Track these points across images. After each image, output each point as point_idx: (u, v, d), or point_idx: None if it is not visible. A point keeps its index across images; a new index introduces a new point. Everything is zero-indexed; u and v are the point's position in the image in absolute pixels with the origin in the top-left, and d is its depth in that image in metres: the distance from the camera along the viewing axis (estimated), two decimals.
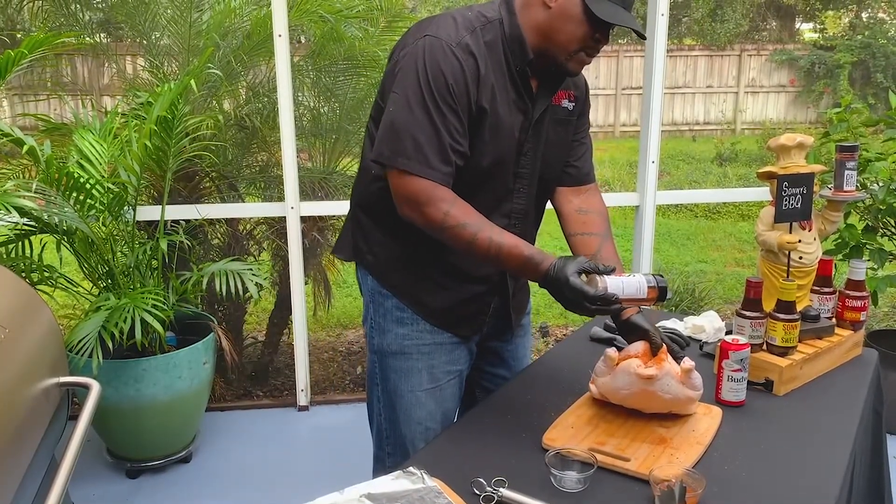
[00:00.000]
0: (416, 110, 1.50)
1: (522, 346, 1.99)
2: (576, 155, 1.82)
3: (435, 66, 1.50)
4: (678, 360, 1.58)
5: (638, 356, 1.58)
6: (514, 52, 1.58)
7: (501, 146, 1.61)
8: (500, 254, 1.52)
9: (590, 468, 1.37)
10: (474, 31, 1.55)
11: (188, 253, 3.25)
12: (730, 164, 9.91)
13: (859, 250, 3.10)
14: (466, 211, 1.53)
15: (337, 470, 2.87)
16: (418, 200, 1.52)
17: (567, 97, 1.73)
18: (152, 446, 2.94)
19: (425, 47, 1.52)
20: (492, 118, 1.56)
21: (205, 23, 3.57)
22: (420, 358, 1.75)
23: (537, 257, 1.51)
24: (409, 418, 1.76)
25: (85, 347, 2.58)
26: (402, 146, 1.51)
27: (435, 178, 1.51)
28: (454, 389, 1.81)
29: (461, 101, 1.52)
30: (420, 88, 1.50)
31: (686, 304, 4.65)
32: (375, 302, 1.77)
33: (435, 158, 1.50)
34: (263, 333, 4.01)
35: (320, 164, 3.83)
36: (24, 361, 1.45)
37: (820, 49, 13.20)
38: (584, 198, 1.84)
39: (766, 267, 1.97)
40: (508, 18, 1.58)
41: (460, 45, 1.52)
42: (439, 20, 1.57)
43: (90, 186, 2.76)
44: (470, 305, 1.77)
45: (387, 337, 1.76)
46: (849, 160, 2.04)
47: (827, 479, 1.45)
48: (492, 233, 1.52)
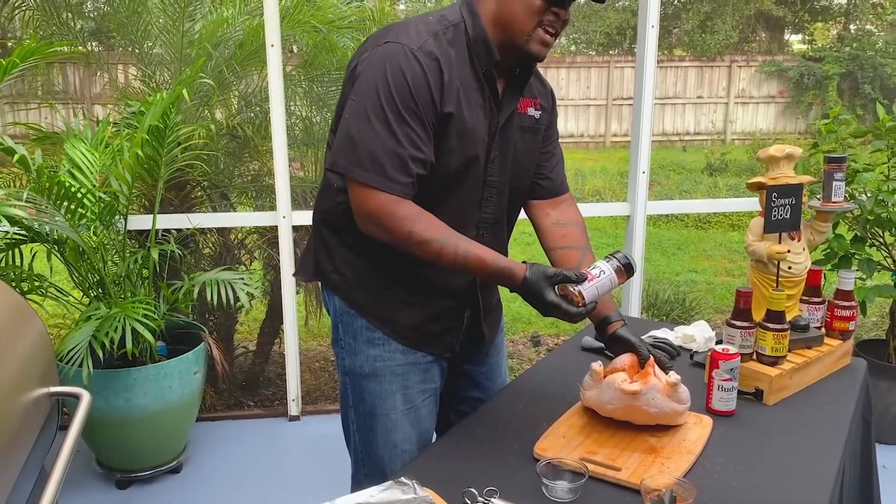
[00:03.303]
0: (373, 120, 1.46)
1: (497, 365, 1.93)
2: (548, 166, 1.80)
3: (397, 72, 1.45)
4: (666, 371, 1.58)
5: (624, 369, 1.59)
6: (480, 54, 1.54)
7: (469, 151, 1.56)
8: (468, 269, 1.51)
9: (581, 478, 1.38)
10: (437, 35, 1.51)
11: (179, 262, 3.24)
12: (720, 174, 9.96)
13: (848, 260, 3.12)
14: (431, 225, 1.49)
15: (328, 480, 2.86)
16: (380, 217, 1.48)
17: (533, 105, 1.70)
18: (142, 457, 2.92)
19: (386, 53, 1.48)
20: (457, 123, 1.52)
21: (197, 32, 3.57)
22: (394, 380, 1.69)
23: (506, 272, 1.50)
24: (385, 441, 1.71)
25: (75, 357, 2.56)
26: (358, 158, 1.47)
27: (395, 190, 1.46)
28: (430, 408, 1.76)
29: (424, 107, 1.47)
30: (378, 96, 1.46)
31: (676, 314, 4.66)
32: (344, 322, 1.70)
33: (393, 170, 1.46)
34: (254, 343, 3.99)
35: (312, 174, 3.83)
36: (13, 371, 1.45)
37: (809, 60, 13.32)
38: (561, 210, 1.81)
39: (756, 277, 1.98)
40: (471, 20, 1.54)
41: (423, 50, 1.48)
42: (400, 26, 1.54)
43: (81, 195, 2.75)
44: (440, 322, 1.72)
45: (358, 358, 1.69)
46: (837, 171, 2.06)
47: (817, 487, 1.45)
48: (457, 248, 1.49)
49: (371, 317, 1.68)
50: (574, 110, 12.95)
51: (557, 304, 1.45)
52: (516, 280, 1.49)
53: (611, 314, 1.70)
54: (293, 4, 3.49)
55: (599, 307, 1.70)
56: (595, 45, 14.92)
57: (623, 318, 1.71)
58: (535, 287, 1.46)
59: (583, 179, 9.22)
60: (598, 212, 3.91)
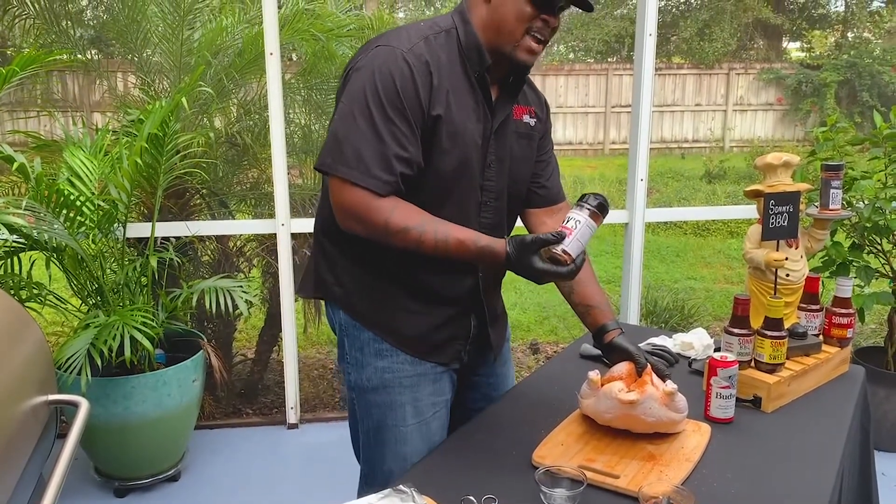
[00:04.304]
0: (358, 119, 1.47)
1: (504, 376, 1.93)
2: (545, 175, 1.81)
3: (385, 72, 1.47)
4: (664, 380, 1.59)
5: (622, 378, 1.59)
6: (472, 59, 1.56)
7: (463, 153, 1.57)
8: (449, 252, 1.49)
9: (579, 485, 1.38)
10: (426, 39, 1.53)
11: (178, 270, 3.24)
12: (718, 181, 9.97)
13: (846, 268, 3.13)
14: (408, 214, 1.49)
15: (326, 488, 2.86)
16: (358, 211, 1.48)
17: (528, 113, 1.71)
18: (140, 465, 2.91)
19: (376, 56, 1.50)
20: (447, 125, 1.53)
21: (196, 41, 3.58)
22: (403, 392, 1.67)
23: (486, 250, 1.49)
24: (394, 455, 1.69)
25: (74, 365, 2.56)
26: (343, 156, 1.48)
27: (374, 187, 1.46)
28: (441, 421, 1.74)
29: (412, 107, 1.48)
30: (365, 96, 1.47)
31: (675, 321, 4.67)
32: (350, 336, 1.69)
33: (376, 167, 1.46)
34: (253, 351, 3.99)
35: (311, 182, 3.83)
36: (12, 379, 1.44)
37: (807, 68, 13.35)
38: (558, 218, 1.80)
39: (754, 284, 1.99)
40: (463, 27, 1.56)
41: (412, 52, 1.50)
42: (391, 32, 1.56)
43: (80, 203, 2.75)
44: (445, 330, 1.71)
45: (365, 371, 1.68)
46: (834, 179, 2.07)
47: (815, 495, 1.45)
48: (436, 232, 1.48)
49: (375, 327, 1.67)
50: (572, 118, 12.97)
51: (546, 270, 1.44)
52: (499, 257, 1.48)
53: (608, 322, 1.70)
54: (292, 13, 3.50)
55: (597, 315, 1.71)
56: (593, 53, 14.94)
57: (620, 327, 1.71)
58: (520, 259, 1.45)
59: (581, 187, 9.24)
60: None
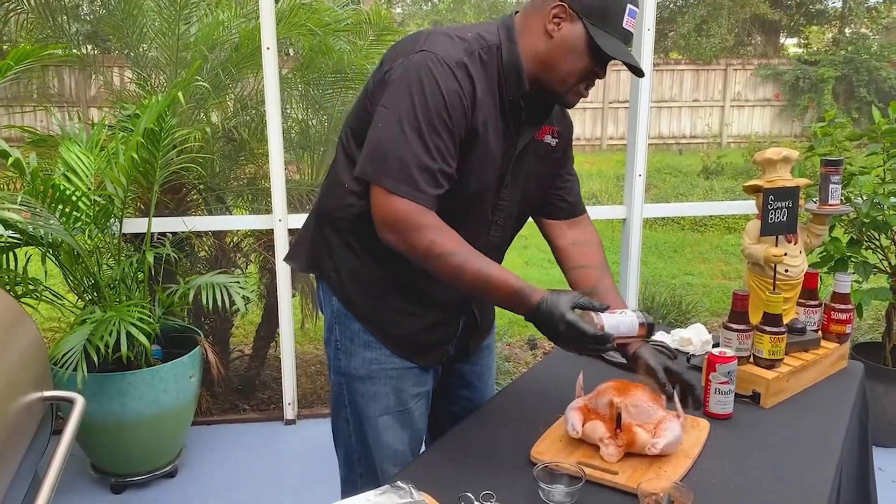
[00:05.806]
0: (406, 129, 1.43)
1: (488, 367, 1.94)
2: (566, 188, 1.81)
3: (433, 84, 1.43)
4: (667, 394, 1.57)
5: (604, 417, 1.53)
6: (510, 80, 1.53)
7: (485, 175, 1.56)
8: (488, 286, 1.47)
9: (578, 482, 1.37)
10: (473, 54, 1.49)
11: (175, 265, 3.23)
12: (716, 177, 9.98)
13: (844, 263, 3.13)
14: (453, 239, 1.46)
15: (323, 484, 2.85)
16: (405, 225, 1.44)
17: (551, 133, 1.70)
18: (137, 461, 2.91)
19: (422, 63, 1.45)
20: (481, 145, 1.51)
21: (193, 35, 3.57)
22: (388, 382, 1.69)
23: (526, 290, 1.46)
24: (377, 442, 1.71)
25: (70, 361, 2.55)
26: (387, 166, 1.44)
27: (422, 201, 1.44)
28: (422, 410, 1.76)
29: (457, 122, 1.46)
30: (413, 106, 1.43)
31: (673, 317, 4.66)
32: (342, 324, 1.69)
33: (423, 181, 1.43)
34: (250, 346, 3.98)
35: (308, 177, 3.82)
36: (7, 375, 1.44)
37: (804, 64, 13.37)
38: (579, 230, 1.83)
39: (753, 280, 1.98)
40: (508, 46, 1.52)
41: (459, 66, 1.46)
42: (437, 36, 1.50)
43: (76, 199, 2.74)
44: (433, 334, 1.71)
45: (354, 360, 1.69)
46: (833, 174, 2.07)
47: (814, 490, 1.45)
48: (480, 264, 1.46)
49: (366, 322, 1.67)
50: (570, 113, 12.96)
51: (573, 322, 1.41)
52: (534, 301, 1.44)
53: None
54: (289, 7, 3.49)
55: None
56: None
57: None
58: (555, 308, 1.42)
59: (579, 182, 9.23)
60: (595, 215, 3.83)
